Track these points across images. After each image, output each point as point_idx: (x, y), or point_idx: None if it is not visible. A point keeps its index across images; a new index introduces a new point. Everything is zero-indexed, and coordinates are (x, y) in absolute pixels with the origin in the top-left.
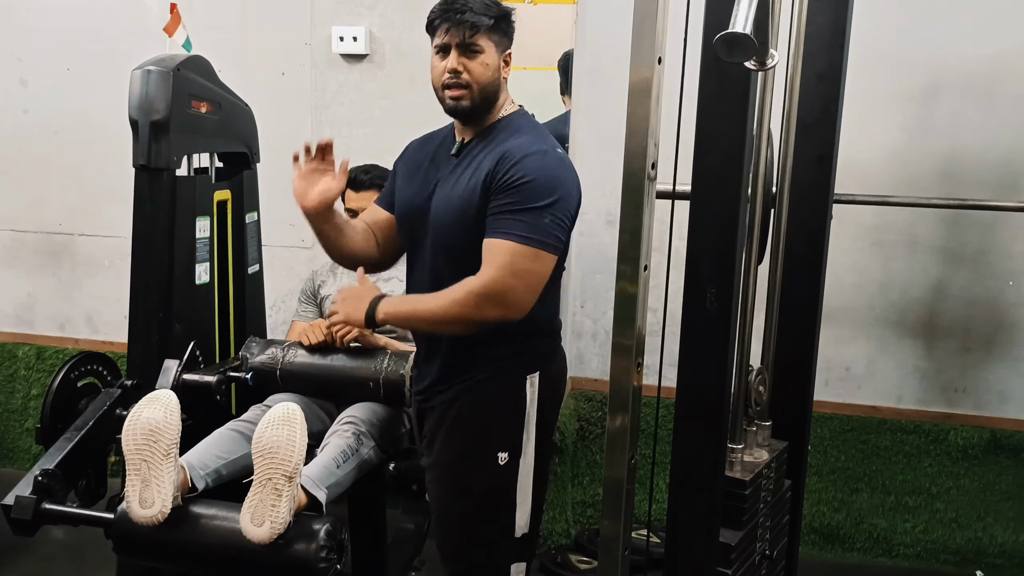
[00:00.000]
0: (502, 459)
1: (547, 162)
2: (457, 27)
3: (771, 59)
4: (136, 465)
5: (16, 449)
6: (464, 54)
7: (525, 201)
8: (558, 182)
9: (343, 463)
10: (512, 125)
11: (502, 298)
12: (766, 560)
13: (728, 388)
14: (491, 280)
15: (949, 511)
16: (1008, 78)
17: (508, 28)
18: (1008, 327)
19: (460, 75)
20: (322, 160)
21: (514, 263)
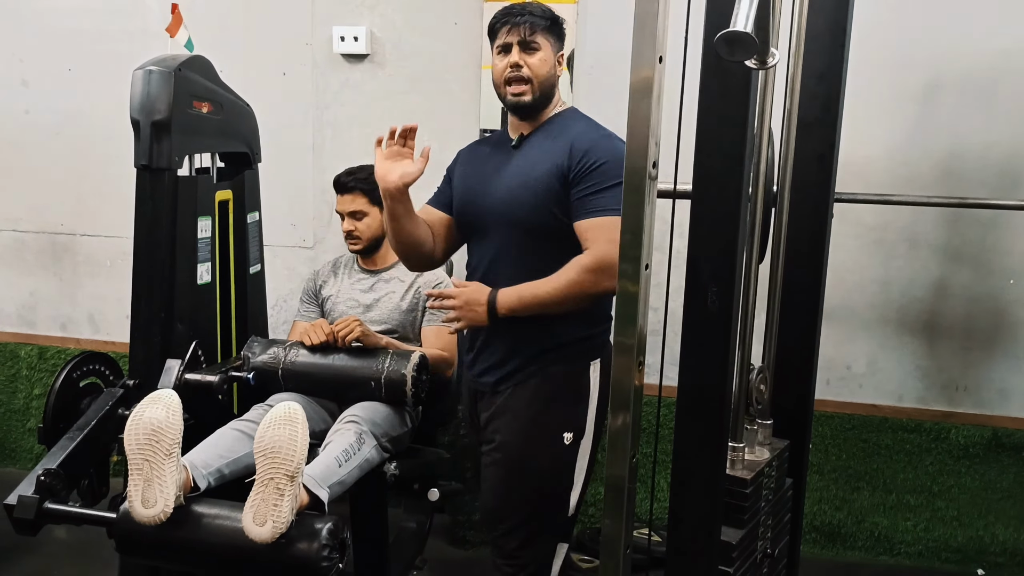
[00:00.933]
0: (567, 439)
1: (614, 144)
2: (517, 26)
3: (772, 58)
4: (138, 464)
5: (19, 449)
6: (524, 50)
7: (607, 180)
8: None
9: (345, 462)
10: (569, 118)
11: (612, 263)
12: (768, 559)
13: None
14: (602, 253)
15: (950, 509)
16: (1009, 76)
17: (561, 32)
18: (1009, 325)
19: (521, 69)
20: (403, 144)
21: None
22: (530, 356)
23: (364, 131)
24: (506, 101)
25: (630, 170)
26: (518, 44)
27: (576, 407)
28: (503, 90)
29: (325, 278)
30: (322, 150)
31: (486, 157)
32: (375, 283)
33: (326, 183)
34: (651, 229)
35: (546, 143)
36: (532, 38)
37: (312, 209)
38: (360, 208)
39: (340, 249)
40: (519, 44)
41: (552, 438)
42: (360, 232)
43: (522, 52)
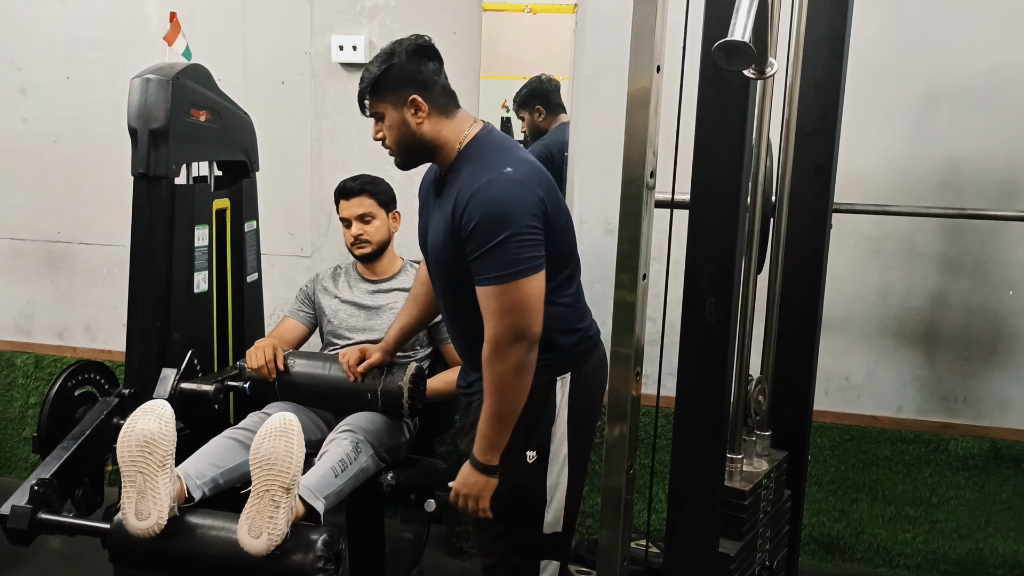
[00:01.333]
0: (530, 457)
1: (490, 194)
2: (359, 103)
3: (770, 67)
4: (131, 477)
5: (14, 458)
6: (377, 121)
7: (483, 243)
8: (503, 212)
9: (341, 472)
10: (467, 158)
11: (511, 337)
12: (766, 571)
13: (727, 397)
14: (493, 332)
15: (949, 521)
16: (1007, 87)
17: (391, 83)
18: (1008, 336)
19: (383, 141)
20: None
21: (501, 304)
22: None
23: (362, 140)
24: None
25: (627, 180)
26: (372, 117)
27: (537, 424)
28: None
29: (325, 283)
30: (320, 159)
31: (429, 196)
32: (376, 293)
33: (324, 192)
34: (649, 239)
35: (449, 194)
36: (372, 110)
37: (310, 218)
38: (368, 211)
39: (338, 258)
40: (372, 117)
41: (513, 457)
42: (369, 235)
43: (377, 123)
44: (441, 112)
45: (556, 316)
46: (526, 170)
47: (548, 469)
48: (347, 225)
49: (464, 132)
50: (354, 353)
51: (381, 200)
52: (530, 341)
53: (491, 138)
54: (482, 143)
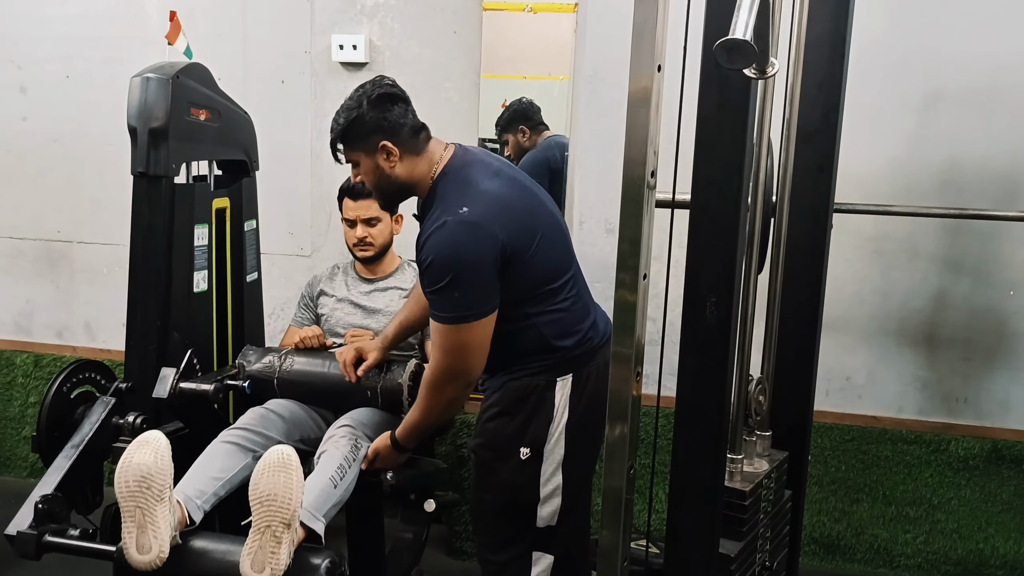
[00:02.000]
0: (524, 454)
1: (441, 239)
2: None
3: (771, 67)
4: (131, 511)
5: (14, 457)
6: (354, 166)
7: (432, 283)
8: (450, 258)
9: (340, 480)
10: (437, 190)
11: (450, 375)
12: (766, 571)
13: (728, 398)
14: (436, 365)
15: (950, 522)
16: (1009, 88)
17: (359, 132)
18: (1009, 337)
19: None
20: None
21: (444, 341)
22: (494, 370)
23: None
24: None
25: (628, 179)
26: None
27: (534, 423)
28: None
29: (323, 283)
30: (320, 159)
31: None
32: (373, 291)
33: (324, 192)
34: (649, 238)
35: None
36: (347, 158)
37: (310, 217)
38: (376, 214)
39: (337, 258)
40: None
41: (509, 452)
42: (374, 238)
43: (354, 168)
44: (411, 152)
45: (553, 323)
46: (483, 208)
47: (542, 467)
48: (351, 226)
49: (435, 165)
50: (350, 353)
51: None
52: (465, 381)
53: (455, 168)
54: (448, 178)
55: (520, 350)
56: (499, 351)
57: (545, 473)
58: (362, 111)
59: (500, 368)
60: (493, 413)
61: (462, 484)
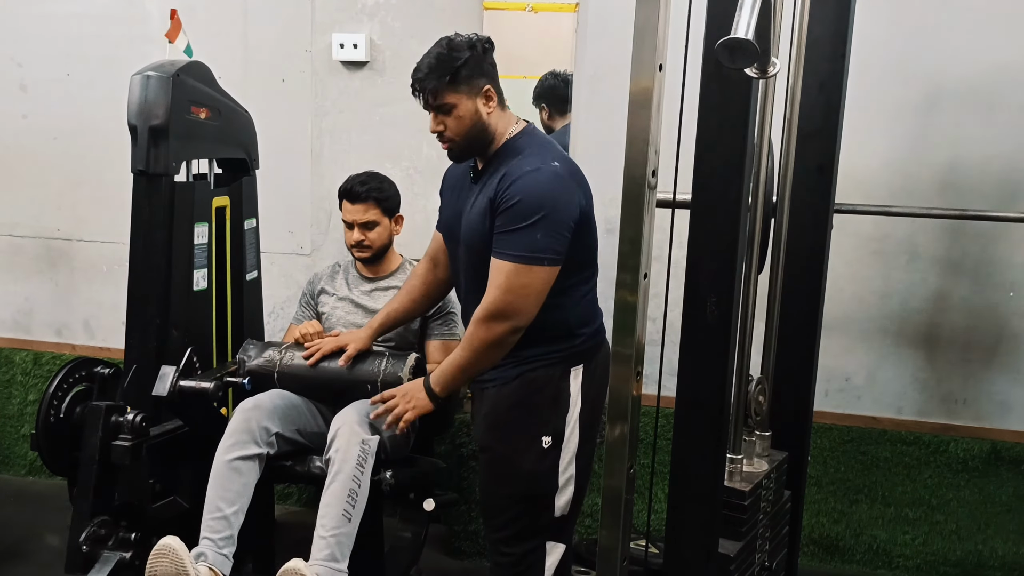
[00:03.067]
0: (546, 443)
1: (536, 180)
2: (421, 95)
3: (772, 67)
4: None
5: (12, 455)
6: (439, 113)
7: (515, 221)
8: (546, 198)
9: (353, 508)
10: (514, 148)
11: (504, 313)
12: (765, 571)
13: (728, 398)
14: (491, 301)
15: (949, 523)
16: (1009, 89)
17: (470, 74)
18: (1009, 338)
19: (443, 133)
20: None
21: (508, 281)
22: (510, 360)
23: (363, 138)
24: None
25: (629, 179)
26: (432, 109)
27: (553, 412)
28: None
29: (324, 281)
30: (320, 157)
31: (459, 188)
32: (373, 291)
33: (324, 190)
34: (650, 238)
35: (490, 180)
36: (439, 102)
37: (310, 216)
38: (373, 218)
39: (337, 256)
40: (432, 109)
41: (530, 441)
42: (371, 242)
43: (438, 115)
44: (501, 105)
45: (580, 309)
46: (570, 168)
47: (560, 456)
48: (349, 227)
49: (512, 126)
50: (329, 344)
51: (386, 208)
52: (517, 324)
53: (536, 134)
54: (529, 138)
55: (543, 332)
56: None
57: (563, 462)
58: (475, 53)
59: (513, 356)
60: (508, 404)
61: (461, 484)
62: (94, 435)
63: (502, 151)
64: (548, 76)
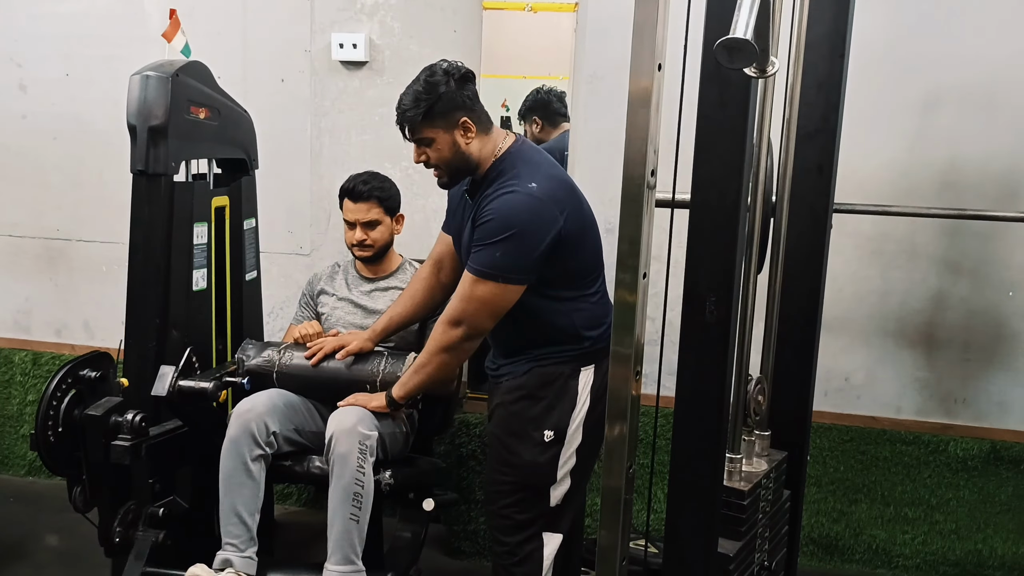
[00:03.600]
0: (547, 436)
1: (508, 203)
2: (402, 129)
3: (771, 66)
4: None
5: (12, 456)
6: (421, 144)
7: (484, 237)
8: (513, 221)
9: (360, 510)
10: (499, 169)
11: (458, 319)
12: (765, 571)
13: (727, 397)
14: (450, 307)
15: (949, 523)
16: (1008, 88)
17: (446, 108)
18: (1008, 338)
19: (429, 162)
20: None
21: (468, 291)
22: (519, 354)
23: (362, 138)
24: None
25: (628, 179)
26: (414, 142)
27: (559, 408)
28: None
29: (324, 282)
30: (320, 157)
31: (460, 200)
32: (373, 291)
33: (323, 190)
34: (649, 238)
35: (480, 198)
36: (418, 136)
37: (309, 216)
38: (375, 217)
39: (337, 256)
40: (414, 142)
41: (532, 434)
42: (373, 241)
43: (421, 147)
44: (483, 131)
45: (585, 313)
46: (549, 188)
47: (562, 450)
48: (351, 227)
49: (499, 145)
50: (330, 343)
51: (388, 207)
52: (469, 332)
53: (522, 151)
54: (514, 156)
55: (550, 335)
56: (531, 331)
57: (563, 456)
58: (449, 88)
59: (525, 352)
60: (517, 396)
61: (461, 484)
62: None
63: (490, 172)
64: (537, 91)
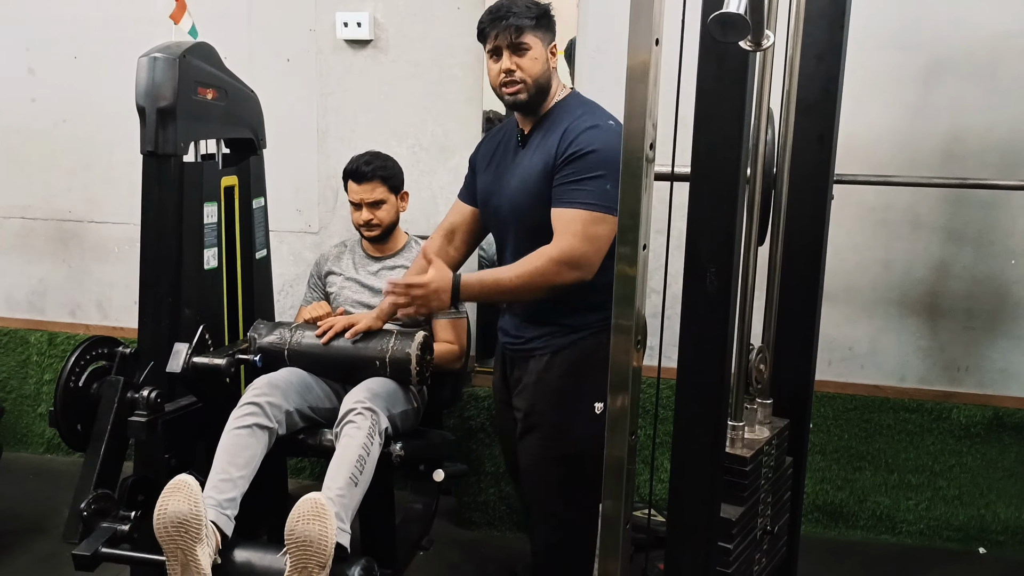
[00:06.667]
0: (598, 408)
1: (604, 134)
2: (505, 31)
3: (767, 40)
4: (172, 551)
5: (30, 434)
6: (515, 53)
7: (587, 170)
8: (611, 152)
9: (360, 474)
10: (567, 107)
11: (577, 262)
12: (768, 535)
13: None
14: (567, 246)
15: (952, 489)
16: (1011, 57)
17: (550, 23)
18: (1011, 306)
19: (514, 73)
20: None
21: (585, 229)
22: (557, 329)
23: (368, 117)
24: (505, 101)
25: (628, 152)
26: (508, 48)
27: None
28: (500, 91)
29: (331, 262)
30: (327, 136)
31: (500, 154)
32: (380, 270)
33: (331, 169)
34: (649, 210)
35: (544, 140)
36: (520, 39)
37: (317, 195)
38: (380, 197)
39: (345, 235)
40: (509, 48)
41: (583, 409)
42: (379, 220)
43: (513, 55)
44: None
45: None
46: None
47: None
48: (356, 208)
49: (559, 88)
50: (340, 322)
51: (392, 185)
52: (583, 276)
53: (583, 98)
54: (577, 99)
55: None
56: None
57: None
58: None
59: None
60: (561, 373)
61: (470, 456)
62: (109, 409)
63: (553, 111)
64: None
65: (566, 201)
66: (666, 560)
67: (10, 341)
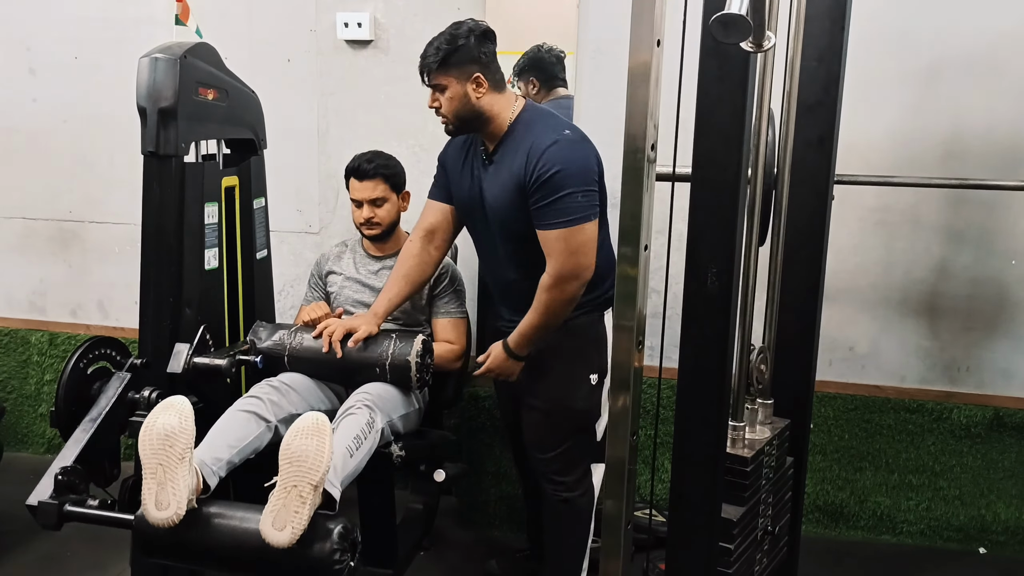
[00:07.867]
0: (593, 380)
1: (563, 150)
2: (422, 73)
3: (768, 41)
4: (152, 469)
5: (31, 434)
6: (436, 91)
7: (556, 191)
8: (575, 163)
9: (356, 450)
10: (525, 123)
11: (573, 274)
12: (768, 536)
13: (729, 366)
14: (558, 267)
15: (952, 489)
16: (1011, 57)
17: (461, 59)
18: (1011, 306)
19: (439, 109)
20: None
21: (568, 245)
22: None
23: (369, 117)
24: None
25: (629, 152)
26: (430, 87)
27: (596, 352)
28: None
29: (331, 262)
30: (327, 136)
31: (470, 166)
32: (380, 270)
33: (331, 169)
34: (650, 211)
35: (512, 160)
36: (434, 82)
37: (318, 195)
38: (381, 195)
39: (345, 234)
40: (431, 87)
41: (580, 382)
42: (380, 219)
43: (435, 93)
44: (495, 89)
45: (606, 254)
46: (579, 133)
47: (603, 389)
48: (358, 206)
49: (514, 106)
50: (340, 331)
51: (393, 184)
52: (583, 279)
53: (538, 109)
54: (532, 114)
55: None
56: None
57: (605, 391)
58: (468, 43)
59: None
60: (554, 353)
61: (471, 456)
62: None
63: (513, 130)
64: (539, 47)
65: (546, 224)
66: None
67: (11, 341)
